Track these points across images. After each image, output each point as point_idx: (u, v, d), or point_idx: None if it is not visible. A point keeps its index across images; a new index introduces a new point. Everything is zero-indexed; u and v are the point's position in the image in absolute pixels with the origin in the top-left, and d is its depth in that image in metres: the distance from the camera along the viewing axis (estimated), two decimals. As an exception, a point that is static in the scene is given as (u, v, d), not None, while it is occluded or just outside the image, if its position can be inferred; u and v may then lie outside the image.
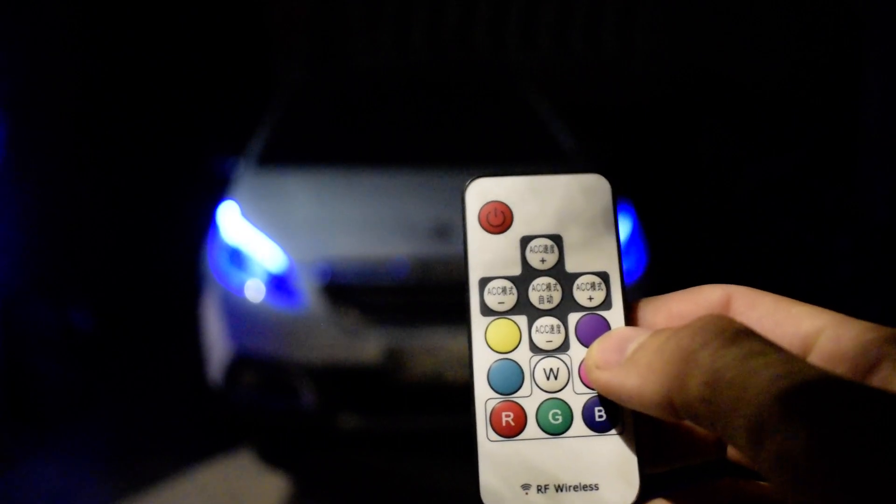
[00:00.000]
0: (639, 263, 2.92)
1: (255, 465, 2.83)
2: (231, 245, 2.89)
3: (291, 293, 2.73)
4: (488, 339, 0.36)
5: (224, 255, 2.89)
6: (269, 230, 2.88)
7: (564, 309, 0.37)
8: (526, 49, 6.29)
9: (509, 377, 0.36)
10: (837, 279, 4.06)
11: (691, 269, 4.33)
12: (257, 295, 2.77)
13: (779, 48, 5.77)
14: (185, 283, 3.24)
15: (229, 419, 2.97)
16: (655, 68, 6.16)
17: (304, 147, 3.46)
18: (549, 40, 6.33)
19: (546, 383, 0.35)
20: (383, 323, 2.67)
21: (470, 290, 0.37)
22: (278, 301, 2.75)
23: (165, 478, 2.71)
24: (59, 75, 4.10)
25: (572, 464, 0.34)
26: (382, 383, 2.66)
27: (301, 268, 2.74)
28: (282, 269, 2.77)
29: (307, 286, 2.71)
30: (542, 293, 0.37)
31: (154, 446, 2.98)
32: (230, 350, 2.77)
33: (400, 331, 2.65)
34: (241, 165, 3.33)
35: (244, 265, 2.83)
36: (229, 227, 2.95)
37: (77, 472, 2.82)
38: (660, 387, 0.30)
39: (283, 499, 2.63)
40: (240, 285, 2.80)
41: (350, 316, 2.68)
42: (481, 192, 0.38)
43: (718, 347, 0.29)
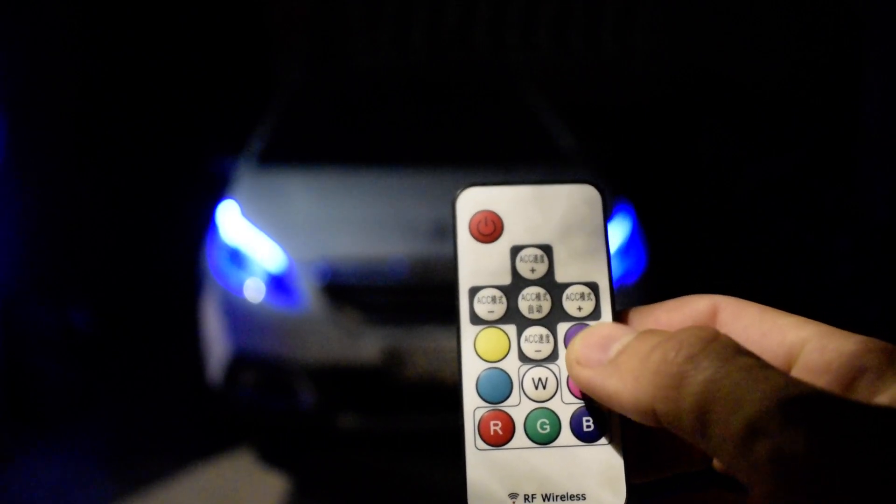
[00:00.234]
0: (638, 264, 2.92)
1: (255, 465, 2.83)
2: (231, 245, 2.89)
3: (291, 293, 2.73)
4: (477, 348, 0.36)
5: (224, 254, 2.89)
6: (268, 230, 2.88)
7: (554, 319, 0.37)
8: (525, 49, 6.29)
9: (498, 386, 0.36)
10: (837, 279, 4.06)
11: (691, 269, 4.33)
12: (257, 295, 2.77)
13: (779, 48, 5.77)
14: (185, 283, 3.24)
15: (229, 419, 2.97)
16: (655, 68, 6.16)
17: (304, 147, 3.46)
18: (548, 40, 6.33)
19: (535, 393, 0.36)
20: (383, 323, 2.67)
21: (459, 298, 0.37)
22: (278, 301, 2.75)
23: (165, 478, 2.71)
24: (59, 75, 4.10)
25: (560, 473, 0.34)
26: (381, 383, 2.66)
27: (301, 268, 2.74)
28: (281, 268, 2.77)
29: (307, 286, 2.71)
30: (531, 303, 0.37)
31: (154, 446, 2.98)
32: (230, 350, 2.77)
33: (399, 331, 2.65)
34: (241, 165, 3.33)
35: (244, 265, 2.83)
36: (229, 227, 2.95)
37: (77, 472, 2.82)
38: (642, 395, 0.31)
39: (283, 499, 2.63)
40: (239, 285, 2.80)
41: (349, 316, 2.68)
42: (472, 201, 0.38)
43: (714, 365, 0.29)
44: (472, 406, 0.35)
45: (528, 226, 0.38)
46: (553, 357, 0.36)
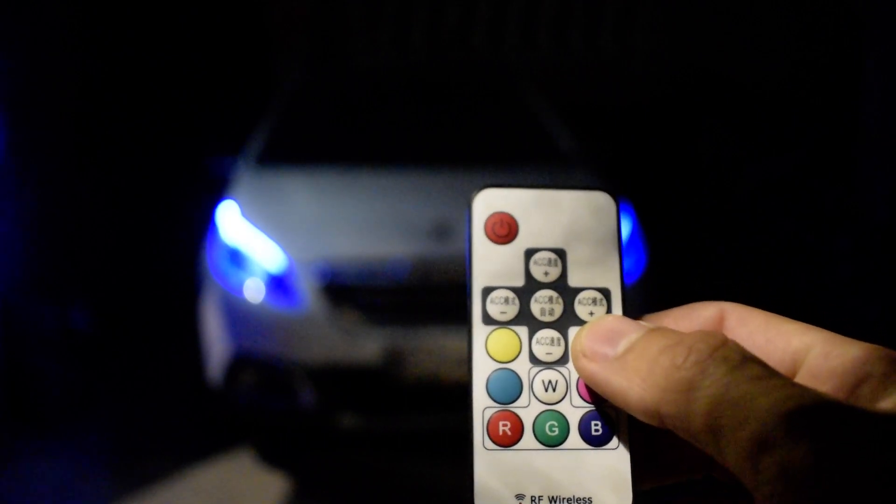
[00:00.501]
0: (638, 264, 2.92)
1: (255, 465, 2.83)
2: (231, 245, 2.89)
3: (291, 293, 2.73)
4: (489, 349, 0.36)
5: (224, 254, 2.89)
6: (268, 230, 2.88)
7: (565, 322, 0.37)
8: (525, 49, 6.29)
9: (508, 387, 0.36)
10: (837, 279, 4.06)
11: (691, 269, 4.33)
12: (257, 295, 2.77)
13: (779, 48, 5.77)
14: (185, 283, 3.24)
15: (229, 419, 2.97)
16: (655, 68, 6.16)
17: (304, 147, 3.46)
18: (548, 40, 6.33)
19: (544, 395, 0.36)
20: (383, 323, 2.67)
21: (472, 298, 0.37)
22: (278, 301, 2.75)
23: (165, 478, 2.71)
24: (59, 75, 4.10)
25: (567, 476, 0.34)
26: (382, 383, 2.66)
27: (300, 268, 2.74)
28: (281, 269, 2.77)
29: (307, 286, 2.71)
30: (543, 305, 0.37)
31: (154, 446, 2.98)
32: (230, 350, 2.77)
33: (399, 331, 2.65)
34: (241, 165, 3.33)
35: (244, 265, 2.83)
36: (229, 227, 2.95)
37: (77, 472, 2.82)
38: (649, 397, 0.31)
39: (283, 499, 2.63)
40: (239, 285, 2.80)
41: (350, 316, 2.68)
42: (488, 203, 0.38)
43: (724, 373, 0.30)
44: (482, 406, 0.35)
45: (542, 229, 0.38)
46: (563, 360, 0.36)
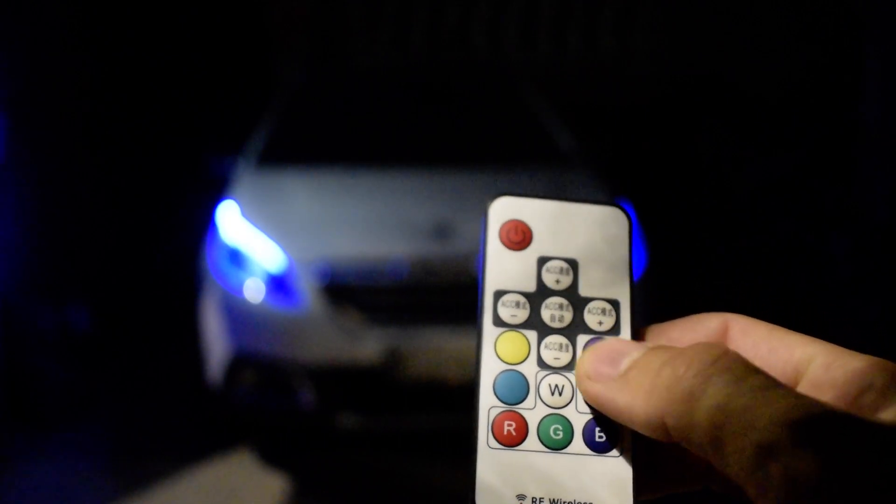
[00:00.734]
0: (638, 264, 2.92)
1: (255, 464, 2.84)
2: (231, 245, 2.89)
3: (291, 293, 2.73)
4: (498, 350, 0.37)
5: (224, 255, 2.89)
6: (268, 230, 2.88)
7: (574, 330, 0.38)
8: (525, 49, 6.29)
9: (515, 388, 0.36)
10: (837, 279, 4.07)
11: (691, 269, 4.33)
12: (257, 295, 2.77)
13: (779, 48, 5.77)
14: (185, 283, 3.24)
15: (228, 419, 2.97)
16: (655, 68, 6.16)
17: (304, 147, 3.46)
18: (548, 40, 6.33)
19: (550, 398, 0.36)
20: (383, 323, 2.67)
21: (484, 300, 0.38)
22: (278, 301, 2.75)
23: (165, 478, 2.71)
24: (59, 75, 4.10)
25: (569, 480, 0.35)
26: (382, 383, 2.66)
27: (301, 268, 2.74)
28: (281, 269, 2.77)
29: (307, 286, 2.71)
30: (553, 312, 0.38)
31: (154, 446, 2.98)
32: (229, 350, 2.77)
33: (399, 331, 2.65)
34: (241, 165, 3.33)
35: (244, 265, 2.83)
36: (229, 227, 2.95)
37: (77, 472, 2.82)
38: (653, 410, 0.31)
39: (283, 498, 2.63)
40: (239, 285, 2.80)
41: (350, 316, 2.68)
42: (504, 210, 0.39)
43: (727, 383, 0.30)
44: (488, 405, 0.36)
45: (555, 239, 0.39)
46: (570, 366, 0.37)
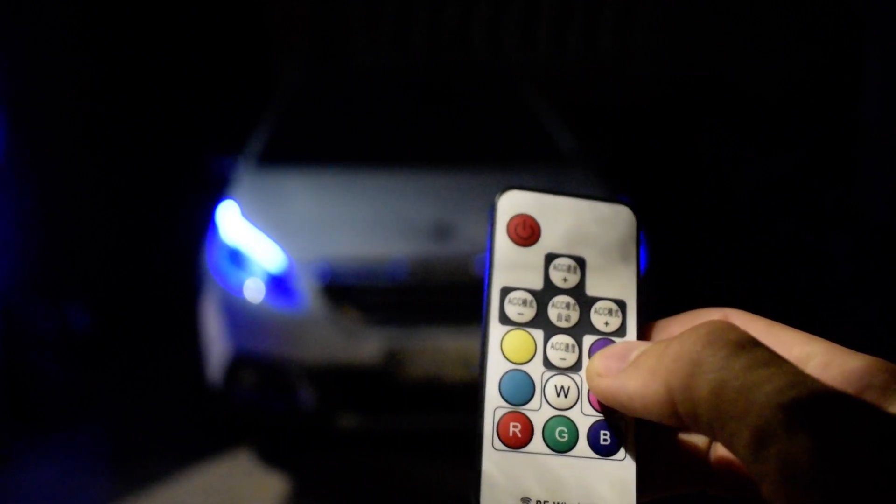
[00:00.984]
0: (638, 264, 2.92)
1: (255, 465, 2.83)
2: (231, 245, 2.89)
3: (291, 293, 2.73)
4: (504, 349, 0.36)
5: (224, 254, 2.89)
6: (268, 230, 2.88)
7: (580, 330, 0.37)
8: (525, 49, 6.29)
9: (521, 388, 0.36)
10: (837, 279, 4.07)
11: (691, 269, 4.33)
12: (257, 295, 2.77)
13: (779, 48, 5.77)
14: (185, 283, 3.24)
15: (229, 419, 2.97)
16: (655, 68, 6.16)
17: (304, 147, 3.46)
18: (548, 40, 6.33)
19: (556, 400, 0.36)
20: (383, 323, 2.67)
21: (490, 297, 0.37)
22: (278, 301, 2.75)
23: (165, 478, 2.71)
24: (59, 75, 4.10)
25: (573, 483, 0.34)
26: (382, 383, 2.66)
27: (301, 268, 2.74)
28: (281, 269, 2.77)
29: (307, 286, 2.71)
30: (560, 311, 0.37)
31: (154, 446, 2.98)
32: (229, 350, 2.77)
33: (399, 331, 2.65)
34: (241, 165, 3.33)
35: (244, 265, 2.83)
36: (229, 227, 2.95)
37: (77, 472, 2.82)
38: (662, 387, 0.31)
39: (283, 499, 2.63)
40: (239, 285, 2.80)
41: (350, 316, 2.68)
42: (512, 204, 0.38)
43: (727, 355, 0.30)
44: (493, 405, 0.35)
45: (564, 236, 0.38)
46: (577, 367, 0.36)
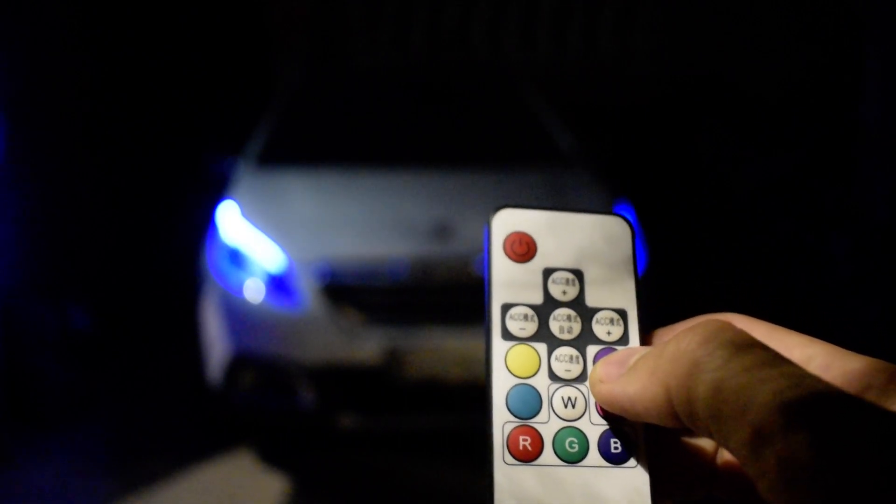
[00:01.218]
0: (638, 264, 2.92)
1: (255, 465, 2.84)
2: (231, 245, 2.89)
3: (291, 293, 2.73)
4: (508, 364, 0.36)
5: (224, 255, 2.89)
6: (268, 230, 2.88)
7: (583, 341, 0.37)
8: (525, 49, 6.29)
9: (528, 402, 0.36)
10: (837, 279, 4.06)
11: (691, 269, 4.33)
12: (257, 295, 2.77)
13: (779, 48, 5.77)
14: (185, 283, 3.24)
15: (228, 419, 2.97)
16: (655, 68, 6.16)
17: (304, 147, 3.46)
18: (548, 41, 6.33)
19: (564, 411, 0.36)
20: (383, 323, 2.67)
21: (492, 314, 0.37)
22: (278, 301, 2.75)
23: (165, 478, 2.71)
24: (59, 76, 4.10)
25: (586, 493, 0.34)
26: (382, 383, 2.66)
27: (301, 268, 2.74)
28: (281, 269, 2.77)
29: (307, 286, 2.71)
30: (562, 323, 0.37)
31: (154, 446, 2.98)
32: (229, 350, 2.77)
33: (399, 331, 2.65)
34: (241, 165, 3.33)
35: (244, 265, 2.83)
36: (229, 227, 2.95)
37: (77, 472, 2.82)
38: (661, 388, 0.31)
39: (283, 499, 2.63)
40: (239, 285, 2.80)
41: (350, 316, 2.68)
42: (507, 222, 0.39)
43: (725, 355, 0.30)
44: (502, 420, 0.35)
45: (560, 250, 0.39)
46: (582, 378, 0.37)
